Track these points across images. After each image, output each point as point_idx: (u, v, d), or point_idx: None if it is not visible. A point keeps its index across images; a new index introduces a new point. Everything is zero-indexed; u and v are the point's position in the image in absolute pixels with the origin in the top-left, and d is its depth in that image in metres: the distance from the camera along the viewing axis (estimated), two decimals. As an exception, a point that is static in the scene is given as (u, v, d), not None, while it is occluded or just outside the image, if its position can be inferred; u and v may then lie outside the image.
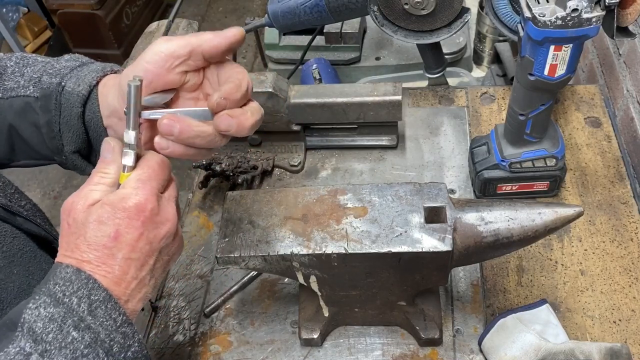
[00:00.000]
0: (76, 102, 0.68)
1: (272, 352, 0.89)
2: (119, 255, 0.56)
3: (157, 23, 1.01)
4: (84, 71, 0.70)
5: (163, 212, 0.60)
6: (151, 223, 0.58)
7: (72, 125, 0.69)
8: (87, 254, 0.56)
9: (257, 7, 3.79)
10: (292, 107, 1.07)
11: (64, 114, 0.69)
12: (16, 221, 0.71)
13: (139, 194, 0.58)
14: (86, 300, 0.54)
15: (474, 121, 1.19)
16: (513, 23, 1.02)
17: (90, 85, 0.69)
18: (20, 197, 0.75)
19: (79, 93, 0.68)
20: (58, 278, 0.55)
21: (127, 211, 0.57)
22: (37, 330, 0.52)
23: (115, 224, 0.56)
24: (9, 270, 0.67)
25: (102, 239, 0.56)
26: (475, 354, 0.86)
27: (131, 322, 0.57)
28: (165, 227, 0.60)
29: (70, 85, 0.69)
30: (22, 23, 3.28)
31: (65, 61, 0.72)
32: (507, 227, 0.72)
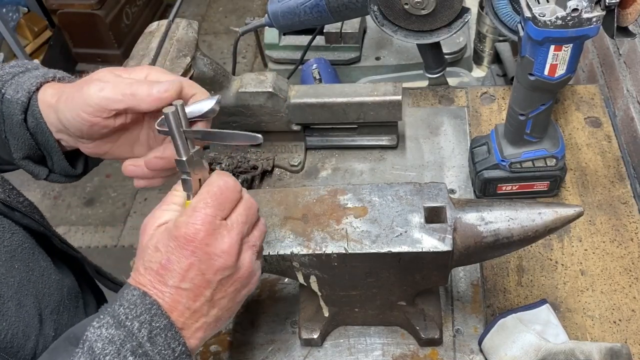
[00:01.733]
0: (16, 109, 0.67)
1: (272, 352, 0.89)
2: (170, 282, 0.56)
3: (157, 23, 1.00)
4: (24, 77, 0.68)
5: (217, 242, 0.57)
6: (203, 254, 0.56)
7: (16, 132, 0.68)
8: (143, 277, 0.57)
9: (257, 7, 3.79)
10: (292, 107, 1.07)
11: (7, 122, 0.67)
12: (15, 216, 0.72)
13: (190, 223, 0.56)
14: (147, 326, 0.54)
15: (474, 121, 1.19)
16: (513, 23, 1.02)
17: (29, 91, 0.67)
18: (18, 194, 0.76)
19: (18, 100, 0.66)
20: (124, 300, 0.55)
21: (177, 240, 0.56)
22: (97, 351, 0.52)
23: (167, 252, 0.56)
24: (10, 265, 0.67)
25: (154, 265, 0.56)
26: (475, 354, 0.86)
27: (189, 355, 0.56)
28: (220, 259, 0.57)
29: (10, 93, 0.67)
30: (22, 23, 3.28)
31: (10, 67, 0.71)
32: (507, 227, 0.72)
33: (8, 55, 3.17)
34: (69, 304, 0.76)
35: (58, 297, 0.74)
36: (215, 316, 0.59)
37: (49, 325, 0.70)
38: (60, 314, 0.73)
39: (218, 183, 0.59)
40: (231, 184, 0.59)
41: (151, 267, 0.57)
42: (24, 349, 0.65)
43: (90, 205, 2.85)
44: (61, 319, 0.73)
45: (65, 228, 2.75)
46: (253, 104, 1.05)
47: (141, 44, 0.97)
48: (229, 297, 0.60)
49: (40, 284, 0.71)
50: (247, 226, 0.60)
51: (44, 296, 0.71)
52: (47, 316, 0.70)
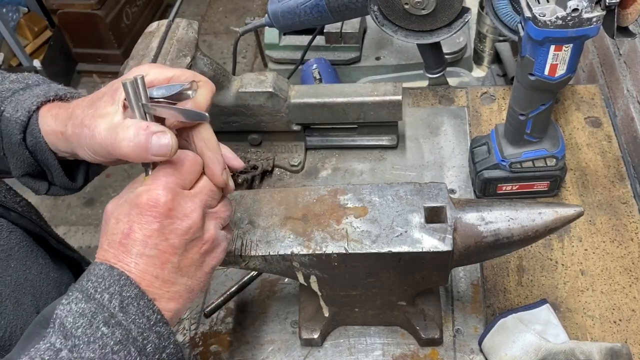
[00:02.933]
0: (14, 129, 0.65)
1: (272, 352, 0.89)
2: (134, 251, 0.55)
3: (157, 23, 1.00)
4: (25, 95, 0.67)
5: (180, 207, 0.57)
6: (165, 218, 0.56)
7: (15, 151, 0.67)
8: (107, 252, 0.56)
9: (257, 7, 3.79)
10: (292, 107, 1.07)
11: (5, 140, 0.66)
12: (11, 216, 0.72)
13: (151, 190, 0.56)
14: (118, 296, 0.53)
15: (474, 121, 1.19)
16: (513, 23, 1.02)
17: (29, 111, 0.65)
18: (15, 194, 0.76)
19: (17, 119, 0.65)
20: (91, 275, 0.54)
21: (139, 207, 0.56)
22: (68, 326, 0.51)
23: (129, 221, 0.56)
24: (6, 264, 0.67)
25: (117, 237, 0.56)
26: (475, 354, 0.86)
27: (166, 322, 0.55)
28: (184, 222, 0.57)
29: (9, 111, 0.65)
30: (22, 23, 3.28)
31: (10, 82, 0.69)
32: (508, 227, 0.72)
33: (8, 56, 3.17)
34: None
35: (56, 295, 0.74)
36: (186, 285, 0.58)
37: None
38: None
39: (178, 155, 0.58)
40: (191, 156, 0.59)
41: (114, 240, 0.56)
42: None
43: (90, 205, 2.85)
44: None
45: (65, 228, 2.75)
46: (253, 104, 1.05)
47: (141, 44, 0.97)
48: (196, 264, 0.59)
49: (37, 282, 0.71)
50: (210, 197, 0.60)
51: (41, 294, 0.71)
52: None
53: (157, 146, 0.56)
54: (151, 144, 0.56)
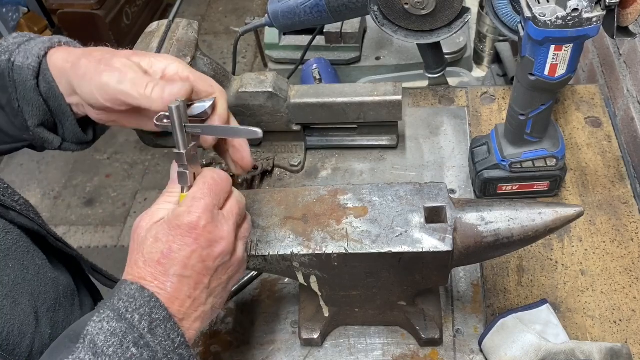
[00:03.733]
0: (28, 75, 0.68)
1: (272, 352, 0.89)
2: (171, 271, 0.57)
3: (157, 23, 1.00)
4: (31, 44, 0.70)
5: (218, 230, 0.60)
6: (204, 241, 0.58)
7: (30, 99, 0.69)
8: (143, 270, 0.57)
9: (257, 7, 3.79)
10: (292, 107, 1.07)
11: (20, 89, 0.69)
12: (9, 215, 0.72)
13: (192, 212, 0.58)
14: (147, 318, 0.54)
15: (474, 121, 1.19)
16: (513, 23, 1.02)
17: (38, 56, 0.68)
18: (13, 193, 0.76)
19: (29, 66, 0.68)
20: (122, 294, 0.56)
21: (180, 229, 0.58)
22: (99, 343, 0.52)
23: (168, 241, 0.57)
24: (4, 264, 0.67)
25: (155, 255, 0.57)
26: (475, 354, 0.86)
27: (188, 346, 0.58)
28: (220, 245, 0.60)
29: (20, 60, 0.68)
30: (22, 23, 3.28)
31: (13, 38, 0.72)
32: (508, 227, 0.72)
33: (8, 55, 3.17)
34: (65, 301, 0.76)
35: (54, 295, 0.74)
36: (212, 304, 0.61)
37: (45, 323, 0.70)
38: (56, 312, 0.73)
39: (212, 175, 0.62)
40: (224, 176, 0.62)
41: (152, 258, 0.57)
42: (20, 347, 0.65)
43: (90, 205, 2.85)
44: (57, 316, 0.73)
45: (65, 228, 2.75)
46: (253, 104, 1.05)
47: (141, 44, 0.97)
48: (223, 284, 0.62)
49: (35, 282, 0.71)
50: (239, 217, 0.63)
51: (39, 294, 0.71)
52: (43, 314, 0.70)
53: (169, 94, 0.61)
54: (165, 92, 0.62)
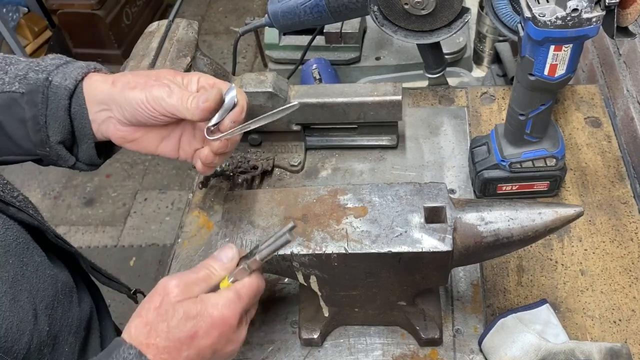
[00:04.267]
0: (63, 94, 0.73)
1: (272, 352, 0.89)
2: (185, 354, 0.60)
3: (157, 23, 1.00)
4: (70, 68, 0.75)
5: (238, 333, 0.65)
6: (225, 338, 0.63)
7: (59, 117, 0.73)
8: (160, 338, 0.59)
9: (257, 7, 3.80)
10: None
11: (51, 106, 0.73)
12: (9, 211, 0.72)
13: (229, 308, 0.62)
14: None
15: (474, 121, 1.19)
16: (513, 23, 1.02)
17: (76, 79, 0.74)
18: (12, 189, 0.76)
19: (66, 87, 0.73)
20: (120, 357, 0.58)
21: (212, 318, 0.61)
22: None
23: (197, 325, 0.60)
24: (4, 260, 0.67)
25: (181, 333, 0.60)
26: (475, 354, 0.86)
27: None
28: (233, 346, 0.65)
29: (57, 80, 0.73)
30: (22, 23, 3.28)
31: (51, 59, 0.77)
32: (507, 227, 0.72)
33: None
34: (63, 298, 0.76)
35: (52, 292, 0.74)
36: None
37: (44, 320, 0.70)
38: (55, 309, 0.73)
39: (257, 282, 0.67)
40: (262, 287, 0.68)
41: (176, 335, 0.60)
42: (18, 344, 0.65)
43: (90, 205, 2.85)
44: (55, 313, 0.73)
45: (65, 228, 2.75)
46: (253, 104, 1.05)
47: (141, 44, 0.97)
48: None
49: (34, 279, 0.71)
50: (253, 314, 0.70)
51: (38, 291, 0.71)
52: (42, 311, 0.70)
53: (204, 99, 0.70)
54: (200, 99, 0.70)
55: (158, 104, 0.70)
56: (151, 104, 0.71)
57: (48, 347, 0.70)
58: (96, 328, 0.84)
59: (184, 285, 0.62)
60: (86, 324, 0.81)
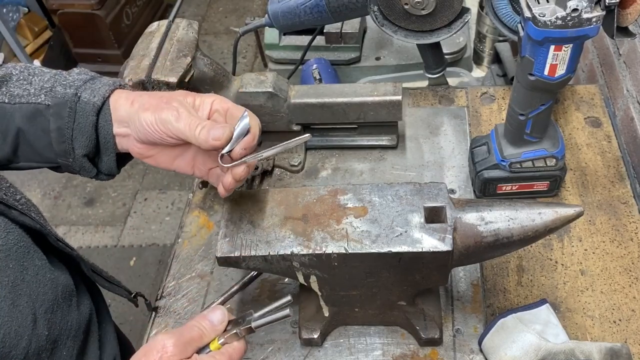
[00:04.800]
0: (91, 111, 0.76)
1: (272, 352, 0.89)
2: None
3: (157, 23, 1.00)
4: (97, 84, 0.78)
5: None
6: None
7: (86, 131, 0.76)
8: None
9: (257, 7, 3.79)
10: (292, 107, 1.07)
11: (78, 121, 0.76)
12: (11, 214, 0.72)
13: None
14: None
15: (474, 121, 1.19)
16: (513, 23, 1.02)
17: (104, 97, 0.77)
18: (15, 192, 0.76)
19: (95, 103, 0.76)
20: None
21: None
22: None
23: None
24: (4, 264, 0.67)
25: None
26: (475, 354, 0.86)
27: None
28: None
29: (86, 96, 0.76)
30: (22, 23, 3.27)
31: (77, 74, 0.79)
32: (507, 227, 0.72)
33: (8, 56, 3.17)
34: (63, 302, 0.76)
35: (52, 296, 0.74)
36: None
37: (43, 324, 0.70)
38: (54, 313, 0.73)
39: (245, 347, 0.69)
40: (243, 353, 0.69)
41: None
42: (16, 349, 0.65)
43: (90, 205, 2.85)
44: (55, 317, 0.73)
45: (65, 228, 2.75)
46: (253, 104, 1.05)
47: (141, 44, 0.97)
48: None
49: (34, 283, 0.71)
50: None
51: (38, 295, 0.71)
52: (41, 315, 0.70)
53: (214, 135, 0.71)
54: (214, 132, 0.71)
55: (166, 127, 0.72)
56: (159, 126, 0.73)
57: (46, 351, 0.70)
58: (95, 331, 0.84)
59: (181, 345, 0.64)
60: (85, 327, 0.81)
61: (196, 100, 0.76)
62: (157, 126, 0.73)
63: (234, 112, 0.75)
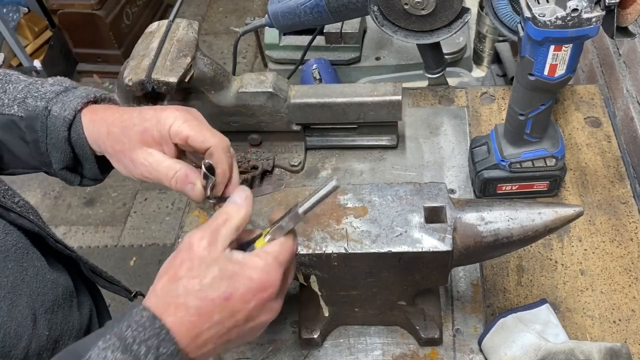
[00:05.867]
0: (62, 126, 0.71)
1: (272, 352, 0.89)
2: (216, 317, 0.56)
3: (157, 23, 1.00)
4: (69, 96, 0.74)
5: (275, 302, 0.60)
6: (262, 305, 0.58)
7: (59, 146, 0.73)
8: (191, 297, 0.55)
9: (257, 7, 3.79)
10: (292, 107, 1.07)
11: (50, 136, 0.72)
12: (9, 217, 0.72)
13: (269, 274, 0.57)
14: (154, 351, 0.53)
15: (474, 121, 1.19)
16: (513, 23, 1.02)
17: (75, 110, 0.72)
18: (13, 194, 0.76)
19: (65, 118, 0.71)
20: (132, 321, 0.54)
21: (251, 282, 0.56)
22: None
23: (233, 287, 0.56)
24: (3, 265, 0.67)
25: (214, 293, 0.55)
26: (475, 354, 0.86)
27: None
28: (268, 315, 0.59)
29: (57, 110, 0.72)
30: (22, 23, 3.28)
31: (50, 85, 0.75)
32: (507, 227, 0.72)
33: (8, 56, 3.17)
34: (63, 303, 0.76)
35: (52, 297, 0.74)
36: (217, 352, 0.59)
37: (43, 324, 0.70)
38: (55, 314, 0.73)
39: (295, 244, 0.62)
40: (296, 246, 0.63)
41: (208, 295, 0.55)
42: (16, 349, 0.65)
43: (90, 205, 2.85)
44: (55, 318, 0.73)
45: (65, 228, 2.75)
46: (253, 104, 1.05)
47: (141, 44, 0.97)
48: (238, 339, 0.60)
49: (34, 284, 0.71)
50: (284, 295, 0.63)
51: (38, 296, 0.71)
52: (41, 316, 0.70)
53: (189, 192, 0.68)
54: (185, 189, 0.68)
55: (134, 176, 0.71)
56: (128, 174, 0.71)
57: (47, 351, 0.70)
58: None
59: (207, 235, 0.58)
60: (86, 327, 0.81)
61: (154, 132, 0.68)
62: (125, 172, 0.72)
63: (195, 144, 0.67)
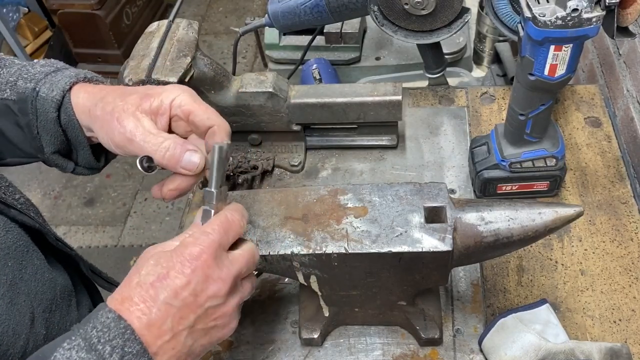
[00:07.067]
0: (50, 107, 0.70)
1: (272, 352, 0.89)
2: (161, 297, 0.57)
3: (158, 23, 1.00)
4: (58, 77, 0.72)
5: (217, 269, 0.60)
6: (201, 275, 0.58)
7: (49, 128, 0.71)
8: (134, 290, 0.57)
9: (257, 7, 3.80)
10: (292, 107, 1.07)
11: (40, 118, 0.71)
12: (10, 213, 0.72)
13: (197, 244, 0.59)
14: (119, 351, 0.54)
15: (474, 121, 1.19)
16: (513, 23, 1.02)
17: (63, 90, 0.71)
18: (14, 191, 0.76)
19: (53, 98, 0.70)
20: (97, 322, 0.55)
21: (181, 256, 0.58)
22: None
23: (168, 267, 0.58)
24: (3, 263, 0.67)
25: (151, 278, 0.58)
26: (475, 354, 0.86)
27: None
28: (215, 285, 0.60)
29: (45, 91, 0.71)
30: (22, 23, 3.28)
31: (40, 66, 0.74)
32: (507, 227, 0.72)
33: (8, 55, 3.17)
34: (62, 302, 0.76)
35: (50, 296, 0.74)
36: (189, 349, 0.60)
37: (41, 323, 0.70)
38: (53, 313, 0.73)
39: (226, 214, 0.63)
40: (238, 217, 0.64)
41: (146, 281, 0.58)
42: (13, 347, 0.64)
43: (90, 205, 2.85)
44: (53, 317, 0.73)
45: (65, 228, 2.75)
46: (253, 104, 1.05)
47: (141, 44, 0.97)
48: (206, 332, 0.61)
49: (33, 282, 0.71)
50: (245, 269, 0.64)
51: (36, 294, 0.71)
52: (39, 314, 0.70)
53: (187, 161, 0.65)
54: (183, 158, 0.65)
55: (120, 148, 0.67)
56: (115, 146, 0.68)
57: None
58: None
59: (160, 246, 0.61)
60: None
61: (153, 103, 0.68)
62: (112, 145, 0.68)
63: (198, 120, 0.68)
